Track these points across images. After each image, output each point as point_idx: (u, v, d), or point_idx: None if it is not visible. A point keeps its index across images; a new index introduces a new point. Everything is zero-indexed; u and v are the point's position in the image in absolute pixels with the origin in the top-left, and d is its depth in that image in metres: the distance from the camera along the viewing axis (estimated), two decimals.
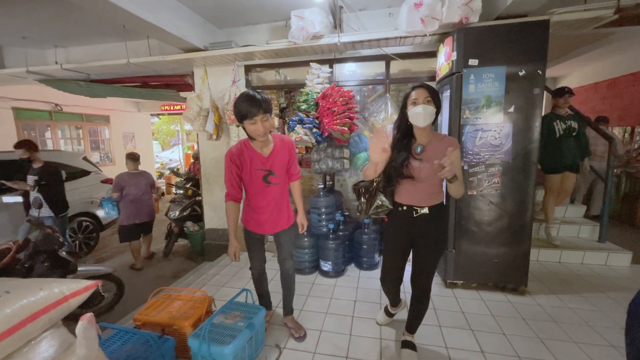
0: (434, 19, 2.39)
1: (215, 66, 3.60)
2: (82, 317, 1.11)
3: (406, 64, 3.48)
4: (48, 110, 7.01)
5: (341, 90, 2.90)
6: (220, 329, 1.70)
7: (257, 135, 1.66)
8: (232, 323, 1.75)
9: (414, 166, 1.61)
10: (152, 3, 2.59)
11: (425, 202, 1.65)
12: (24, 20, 3.27)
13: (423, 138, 1.65)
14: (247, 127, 1.65)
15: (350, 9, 3.10)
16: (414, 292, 1.80)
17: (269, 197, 1.86)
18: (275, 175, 1.83)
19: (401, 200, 1.71)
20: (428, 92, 1.56)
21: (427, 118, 1.55)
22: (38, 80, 4.26)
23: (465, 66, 2.38)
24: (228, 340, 1.60)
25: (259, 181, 1.80)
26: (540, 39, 2.29)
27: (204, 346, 1.56)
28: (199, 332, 1.64)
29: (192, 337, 1.62)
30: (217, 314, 1.82)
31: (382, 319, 2.19)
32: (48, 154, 4.42)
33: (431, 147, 1.62)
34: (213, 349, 1.57)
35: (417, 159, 1.62)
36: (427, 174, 1.59)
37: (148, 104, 9.45)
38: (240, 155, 1.76)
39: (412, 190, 1.66)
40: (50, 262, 2.41)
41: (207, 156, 3.92)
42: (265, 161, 1.79)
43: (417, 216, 1.66)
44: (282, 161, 1.84)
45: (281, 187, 1.89)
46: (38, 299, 1.18)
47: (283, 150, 1.85)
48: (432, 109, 1.55)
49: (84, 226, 4.54)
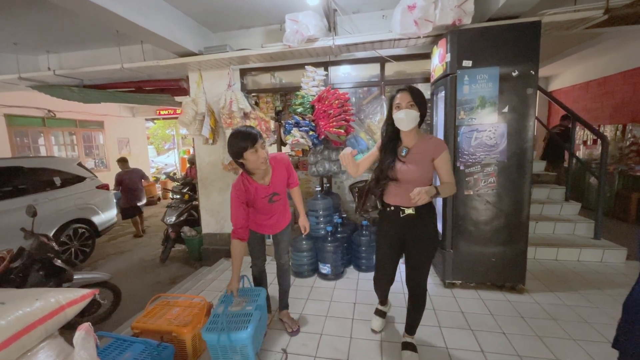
0: (427, 21, 2.41)
1: (210, 70, 3.59)
2: (79, 326, 1.09)
3: (401, 65, 3.50)
4: (41, 116, 6.94)
5: (337, 92, 2.91)
6: (231, 317, 1.73)
7: (260, 164, 1.71)
8: (240, 309, 1.79)
9: (398, 169, 1.65)
10: (145, 7, 2.58)
11: (411, 203, 1.64)
12: (15, 26, 3.23)
13: (409, 140, 1.68)
14: (249, 158, 1.68)
15: (344, 12, 3.12)
16: (410, 293, 1.82)
17: (273, 211, 2.01)
18: (279, 194, 1.96)
19: (389, 200, 1.76)
20: (411, 96, 1.57)
21: (410, 122, 1.58)
22: (31, 86, 4.22)
23: (459, 67, 2.40)
24: (244, 325, 1.65)
25: (265, 203, 1.93)
26: (532, 40, 2.32)
27: (223, 337, 1.59)
28: (213, 325, 1.67)
29: (207, 332, 1.63)
30: (220, 304, 1.84)
31: (378, 323, 2.14)
32: (42, 160, 4.37)
33: (417, 149, 1.65)
34: (233, 336, 1.59)
35: (402, 161, 1.66)
36: (412, 176, 1.62)
37: (143, 109, 9.39)
38: (246, 191, 1.82)
39: (398, 191, 1.70)
40: (45, 271, 2.37)
41: (204, 160, 3.90)
42: (269, 188, 1.90)
43: (403, 216, 1.70)
44: (282, 180, 1.95)
45: (283, 198, 2.03)
46: (34, 309, 1.16)
47: (281, 170, 1.93)
48: (415, 113, 1.57)
49: (80, 233, 4.48)
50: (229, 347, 1.62)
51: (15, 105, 6.31)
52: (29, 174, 4.05)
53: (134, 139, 9.64)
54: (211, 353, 1.66)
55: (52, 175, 4.32)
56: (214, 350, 1.64)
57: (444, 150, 1.60)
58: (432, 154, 1.61)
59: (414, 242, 1.72)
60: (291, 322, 2.19)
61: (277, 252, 2.19)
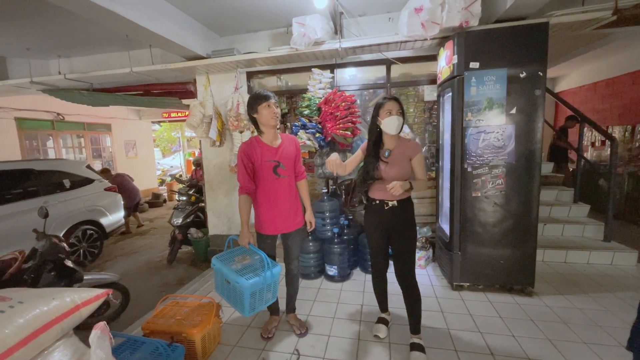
0: (434, 24, 2.42)
1: (217, 73, 3.63)
2: (95, 325, 1.11)
3: (407, 67, 3.51)
4: (50, 119, 7.05)
5: (343, 94, 2.93)
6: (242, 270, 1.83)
7: (271, 119, 1.86)
8: (247, 263, 1.91)
9: (382, 169, 1.85)
10: (154, 12, 2.62)
11: (393, 197, 1.86)
12: (27, 31, 3.31)
13: (391, 143, 1.89)
14: (262, 112, 1.86)
15: (351, 15, 3.14)
16: (402, 287, 1.93)
17: (279, 190, 1.97)
18: (284, 167, 1.96)
19: (374, 195, 1.94)
20: (398, 104, 1.81)
21: (399, 128, 1.81)
22: (42, 90, 4.30)
23: (466, 69, 2.40)
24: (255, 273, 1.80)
25: (270, 173, 1.93)
26: (540, 41, 2.31)
27: (227, 271, 1.80)
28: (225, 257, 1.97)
29: (217, 259, 1.95)
30: (219, 269, 1.91)
31: (382, 330, 2.12)
32: (52, 163, 4.44)
33: (397, 150, 1.87)
34: (236, 279, 1.74)
35: (385, 161, 1.86)
36: (394, 174, 1.83)
37: (149, 112, 9.49)
38: (252, 149, 1.91)
39: (382, 188, 1.87)
40: (57, 272, 2.41)
41: (210, 162, 3.94)
42: (275, 152, 1.94)
43: (387, 208, 1.88)
44: (289, 154, 1.99)
45: (290, 181, 2.02)
46: (50, 308, 1.18)
47: (290, 145, 2.03)
48: (402, 120, 1.82)
49: (88, 234, 4.54)
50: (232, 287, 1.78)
51: (26, 108, 6.41)
52: (39, 177, 4.12)
53: (140, 142, 9.74)
54: (215, 276, 1.95)
55: (62, 177, 4.39)
56: (217, 274, 1.89)
57: (419, 152, 1.86)
58: (410, 154, 1.85)
59: (397, 231, 1.90)
60: (299, 324, 2.20)
61: (286, 257, 2.15)
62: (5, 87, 4.04)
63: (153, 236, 5.89)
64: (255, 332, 2.22)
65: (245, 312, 1.74)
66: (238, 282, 1.73)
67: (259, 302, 1.80)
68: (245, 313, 1.75)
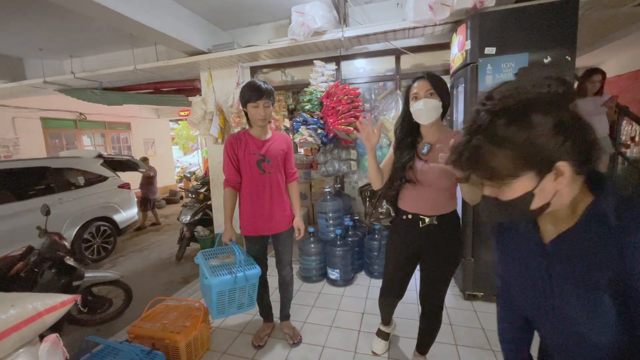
0: (444, 5, 2.18)
1: (220, 69, 3.55)
2: (45, 338, 1.03)
3: (418, 57, 3.26)
4: (73, 119, 7.35)
5: (346, 87, 2.74)
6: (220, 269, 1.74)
7: (258, 120, 1.78)
8: (229, 261, 1.81)
9: (418, 168, 1.40)
10: (149, 6, 2.56)
11: (432, 211, 1.43)
12: (40, 32, 3.38)
13: (430, 136, 1.42)
14: (250, 111, 1.78)
15: (356, 3, 2.94)
16: (423, 310, 1.61)
17: (263, 186, 1.85)
18: (270, 163, 1.85)
19: (405, 207, 1.49)
20: (430, 83, 1.34)
21: (430, 114, 1.34)
22: (57, 90, 4.43)
23: (481, 55, 2.15)
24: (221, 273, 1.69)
25: (254, 167, 1.83)
26: (568, 21, 2.02)
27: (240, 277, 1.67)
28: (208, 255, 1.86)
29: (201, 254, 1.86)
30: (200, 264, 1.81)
31: (380, 346, 1.90)
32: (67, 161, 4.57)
33: (440, 145, 1.38)
34: (209, 276, 1.65)
35: (423, 159, 1.40)
36: (434, 177, 1.36)
37: (167, 110, 9.71)
38: (238, 139, 1.84)
39: (417, 196, 1.44)
40: (57, 269, 2.42)
41: (215, 160, 3.88)
42: (261, 145, 1.84)
43: (423, 226, 1.44)
44: (277, 151, 1.87)
45: (276, 178, 1.88)
46: (8, 316, 1.12)
47: (280, 142, 1.91)
48: (436, 103, 1.33)
49: (102, 230, 4.65)
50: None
51: (50, 108, 6.71)
52: (55, 174, 4.25)
53: (159, 140, 9.99)
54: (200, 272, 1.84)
55: (77, 175, 4.51)
56: (201, 269, 1.78)
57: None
58: None
59: (433, 256, 1.48)
60: (293, 333, 2.07)
61: (277, 263, 2.01)
62: (22, 87, 4.18)
63: (167, 232, 5.99)
64: (247, 338, 2.12)
65: (213, 313, 1.66)
66: (207, 277, 1.63)
67: (229, 304, 1.69)
68: (213, 314, 1.67)
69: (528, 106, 0.54)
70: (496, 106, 0.57)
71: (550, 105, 0.54)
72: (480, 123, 0.58)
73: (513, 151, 0.55)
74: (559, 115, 0.53)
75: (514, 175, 0.56)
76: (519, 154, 0.55)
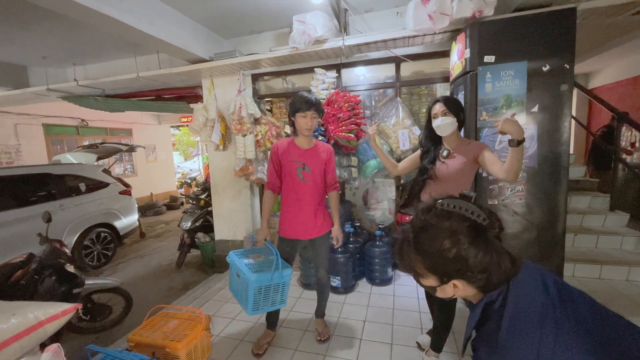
0: (443, 15, 2.21)
1: (221, 77, 3.58)
2: (46, 348, 1.03)
3: (418, 65, 3.29)
4: (75, 125, 7.39)
5: (347, 95, 2.77)
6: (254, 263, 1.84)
7: (304, 129, 1.87)
8: (260, 261, 1.90)
9: (438, 167, 1.75)
10: (153, 15, 2.59)
11: None
12: (44, 41, 3.42)
13: (450, 144, 1.78)
14: (298, 120, 1.87)
15: (356, 11, 2.98)
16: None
17: (302, 194, 1.95)
18: (309, 171, 1.93)
19: (426, 199, 1.78)
20: (445, 104, 1.70)
21: (447, 128, 1.70)
22: (61, 97, 4.47)
23: (480, 64, 2.17)
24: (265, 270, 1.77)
25: (294, 175, 1.93)
26: (566, 30, 2.05)
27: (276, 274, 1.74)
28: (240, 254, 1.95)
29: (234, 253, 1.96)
30: (233, 263, 1.89)
31: (424, 339, 2.03)
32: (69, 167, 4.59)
33: (457, 150, 1.74)
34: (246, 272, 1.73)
35: (442, 161, 1.75)
36: (452, 172, 1.70)
37: (168, 117, 9.76)
38: (282, 146, 1.96)
39: (436, 189, 1.75)
40: (57, 277, 2.41)
41: (216, 167, 3.89)
42: (302, 154, 1.94)
43: None
44: (318, 160, 1.96)
45: (315, 187, 1.96)
46: (9, 326, 1.11)
47: (322, 152, 2.00)
48: (450, 119, 1.69)
49: (102, 237, 4.65)
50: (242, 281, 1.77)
51: (52, 115, 6.76)
52: (57, 181, 4.26)
53: (160, 146, 10.03)
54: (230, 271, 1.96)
55: (78, 181, 4.52)
56: (231, 268, 1.91)
57: (486, 147, 1.66)
58: (474, 153, 1.67)
59: None
60: (322, 329, 2.18)
61: (315, 265, 2.16)
62: (26, 94, 4.21)
63: (167, 239, 5.97)
64: (248, 347, 2.10)
65: (249, 308, 1.70)
66: (245, 274, 1.70)
67: (264, 301, 1.75)
68: (248, 310, 1.70)
69: (445, 232, 0.72)
70: (427, 221, 0.75)
71: (461, 237, 0.71)
72: (414, 227, 0.78)
73: (424, 259, 0.75)
74: (462, 248, 0.70)
75: (422, 273, 0.78)
76: (427, 263, 0.75)
